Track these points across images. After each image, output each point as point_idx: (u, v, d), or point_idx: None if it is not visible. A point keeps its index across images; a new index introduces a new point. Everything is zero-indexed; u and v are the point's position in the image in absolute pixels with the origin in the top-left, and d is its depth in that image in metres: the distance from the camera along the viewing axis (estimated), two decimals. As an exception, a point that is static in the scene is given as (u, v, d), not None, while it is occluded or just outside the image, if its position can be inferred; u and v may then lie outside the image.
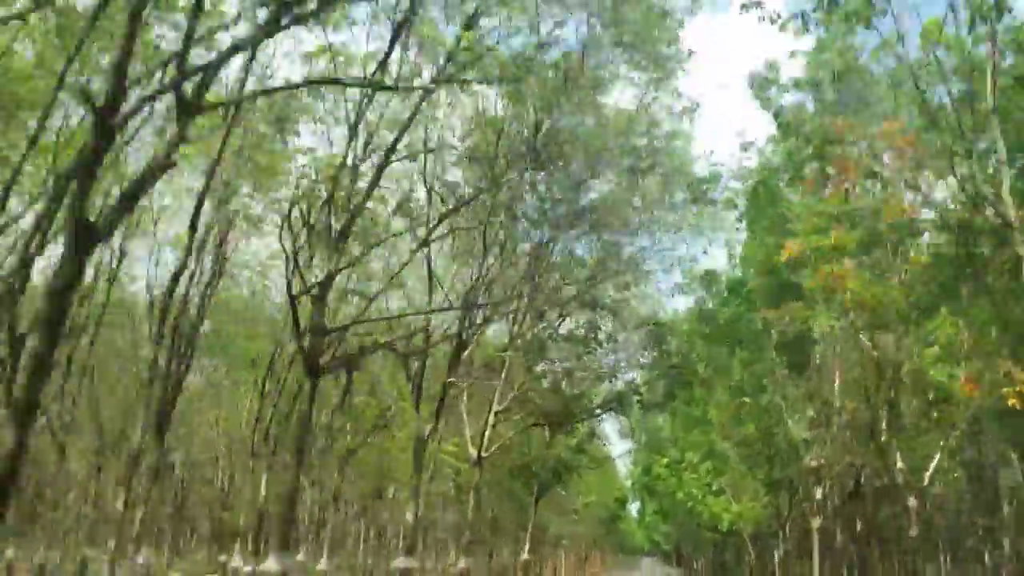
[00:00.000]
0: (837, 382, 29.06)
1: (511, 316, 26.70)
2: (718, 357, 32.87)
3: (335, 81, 16.73)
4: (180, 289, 24.18)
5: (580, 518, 74.40)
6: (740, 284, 28.61)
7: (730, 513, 49.98)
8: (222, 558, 36.60)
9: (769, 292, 25.33)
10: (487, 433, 29.35)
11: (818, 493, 33.92)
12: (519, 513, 55.62)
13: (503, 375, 29.46)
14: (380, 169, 16.58)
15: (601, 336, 29.95)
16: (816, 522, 33.84)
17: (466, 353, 23.87)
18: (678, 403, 36.92)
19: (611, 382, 30.60)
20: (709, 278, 28.95)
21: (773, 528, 49.85)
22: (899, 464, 23.02)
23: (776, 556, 52.94)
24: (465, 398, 30.09)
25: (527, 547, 41.57)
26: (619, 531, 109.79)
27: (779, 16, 14.89)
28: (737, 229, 28.58)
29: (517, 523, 58.57)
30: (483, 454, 29.17)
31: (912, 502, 22.66)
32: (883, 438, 27.60)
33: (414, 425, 22.68)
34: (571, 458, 41.65)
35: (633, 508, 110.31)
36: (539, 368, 30.38)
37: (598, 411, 31.45)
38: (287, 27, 9.67)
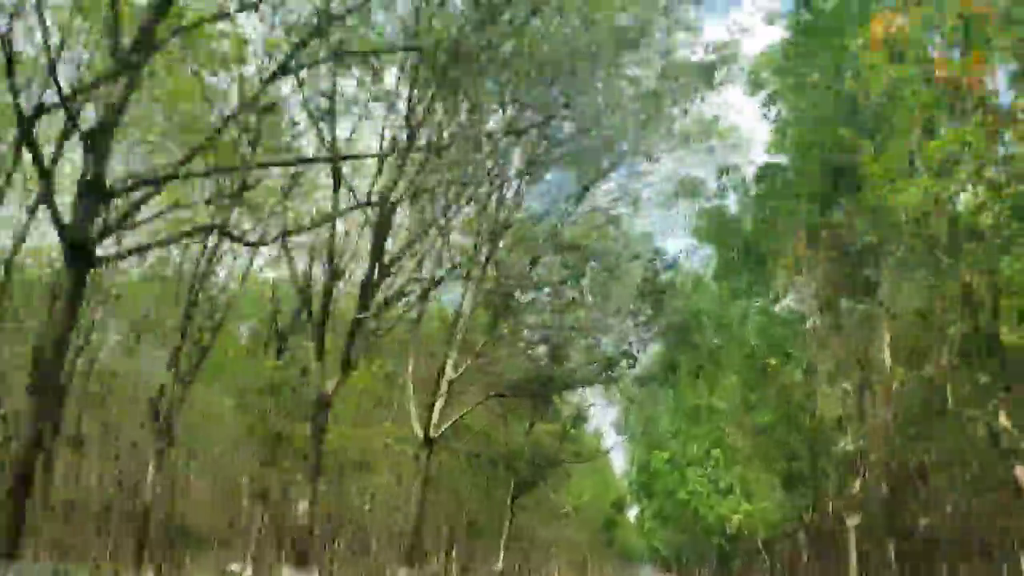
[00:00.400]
0: (887, 339, 22.67)
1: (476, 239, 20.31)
2: (729, 314, 26.49)
3: None
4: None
5: (573, 522, 67.71)
6: (776, 169, 21.84)
7: (740, 514, 43.49)
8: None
9: (817, 179, 18.79)
10: (437, 407, 22.93)
11: (856, 485, 27.47)
12: (502, 515, 49.09)
13: (457, 333, 23.05)
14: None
15: (584, 283, 23.51)
16: (854, 519, 27.36)
17: (387, 295, 17.41)
18: (681, 377, 30.49)
19: (596, 342, 24.06)
20: (725, 174, 22.35)
21: (789, 530, 43.35)
22: (1003, 421, 16.48)
23: (783, 562, 46.49)
24: (411, 366, 23.69)
25: (502, 554, 35.01)
26: (617, 537, 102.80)
27: None
28: (765, 115, 22.06)
29: (500, 526, 52.07)
30: (432, 434, 22.74)
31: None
32: (944, 400, 21.32)
33: (313, 380, 16.22)
34: (554, 448, 35.14)
35: (632, 514, 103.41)
36: (505, 327, 23.93)
37: (582, 382, 24.97)
38: None
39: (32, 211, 16.01)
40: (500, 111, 19.85)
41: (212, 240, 23.63)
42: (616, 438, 42.30)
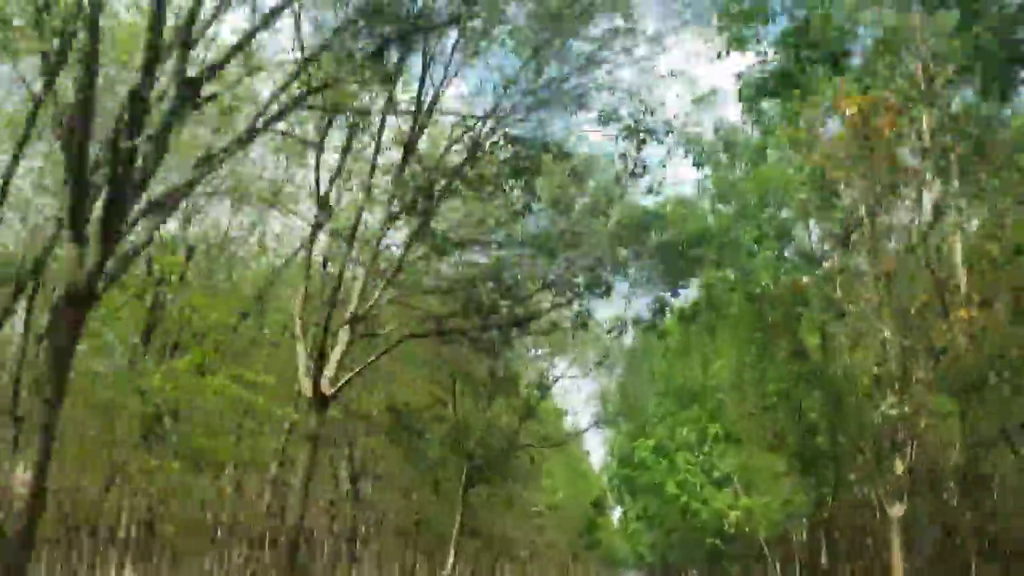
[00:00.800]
0: (959, 251, 16.30)
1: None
2: (731, 236, 20.13)
3: None
4: None
5: (549, 524, 61.04)
6: None
7: (739, 510, 36.97)
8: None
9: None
10: (335, 353, 16.42)
11: (899, 463, 21.01)
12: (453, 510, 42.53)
13: (356, 244, 16.58)
14: None
15: (538, 186, 16.99)
16: (897, 509, 20.90)
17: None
18: (672, 331, 24.08)
19: (557, 268, 17.40)
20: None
21: (804, 526, 36.95)
22: None
23: (793, 563, 40.05)
24: (300, 297, 17.15)
25: (451, 557, 28.38)
26: (600, 541, 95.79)
27: None
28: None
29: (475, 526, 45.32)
30: (326, 391, 16.21)
31: None
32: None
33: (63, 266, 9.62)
34: (513, 426, 28.57)
35: (616, 516, 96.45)
36: (428, 248, 17.38)
37: (538, 317, 18.18)
38: None
39: None
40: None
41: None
42: (592, 423, 35.69)
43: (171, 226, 20.58)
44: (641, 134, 15.59)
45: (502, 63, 17.76)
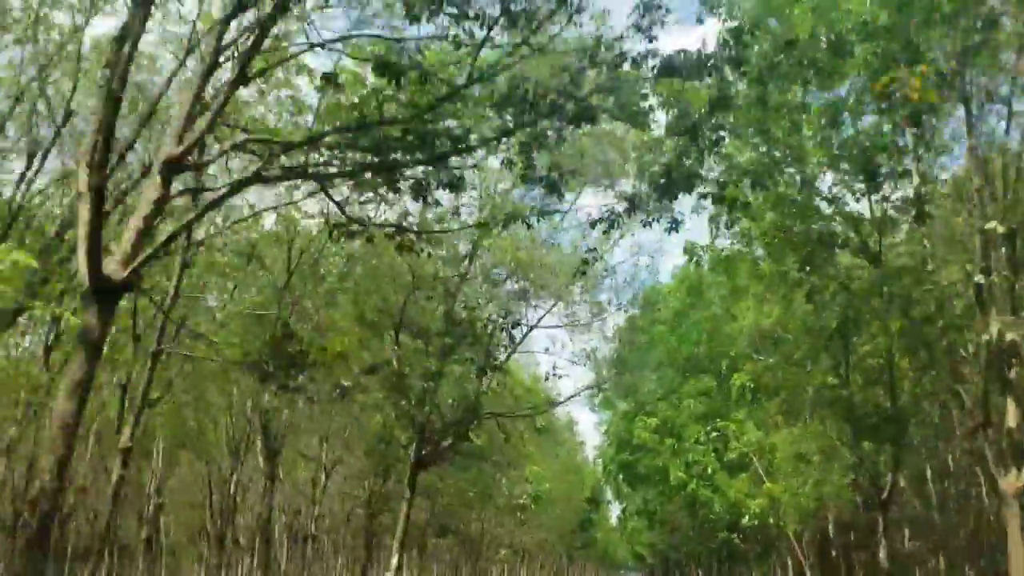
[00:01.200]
0: None
1: None
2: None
3: None
4: None
5: (536, 520, 54.38)
6: None
7: (759, 501, 30.31)
8: None
9: None
10: (133, 217, 10.04)
11: (1013, 413, 14.51)
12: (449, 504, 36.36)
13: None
14: None
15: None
16: (1012, 479, 14.40)
17: None
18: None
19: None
20: None
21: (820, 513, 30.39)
22: None
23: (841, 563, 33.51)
24: (88, 138, 10.59)
25: (395, 556, 21.81)
26: (596, 540, 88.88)
27: None
28: None
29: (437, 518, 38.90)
30: (116, 273, 9.79)
31: None
32: None
33: None
34: (473, 386, 21.96)
35: (614, 512, 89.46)
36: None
37: (473, 153, 11.06)
38: None
39: None
40: None
41: None
42: (582, 389, 29.18)
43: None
44: None
45: None
